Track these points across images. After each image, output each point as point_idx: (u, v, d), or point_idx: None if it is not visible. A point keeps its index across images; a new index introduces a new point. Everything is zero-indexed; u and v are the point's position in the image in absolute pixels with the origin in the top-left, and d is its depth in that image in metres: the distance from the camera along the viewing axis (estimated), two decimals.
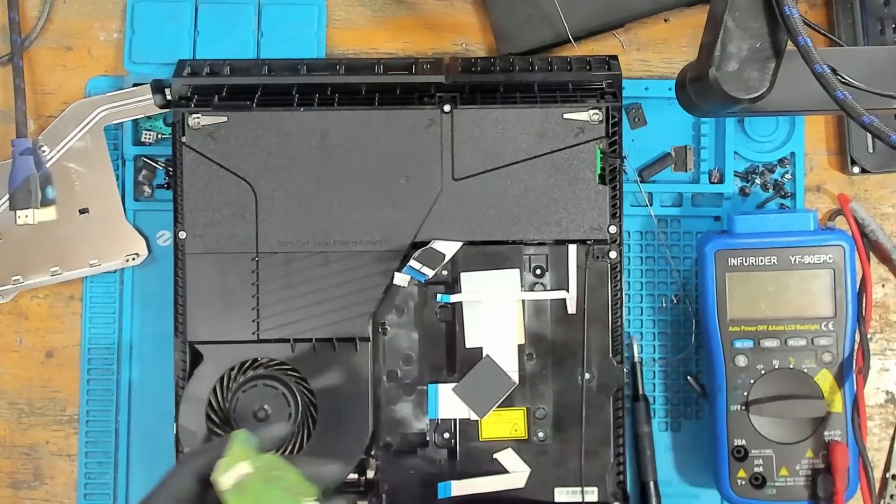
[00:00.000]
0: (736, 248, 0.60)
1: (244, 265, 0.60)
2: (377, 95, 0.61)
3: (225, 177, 0.60)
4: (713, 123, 0.66)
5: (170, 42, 0.66)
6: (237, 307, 0.60)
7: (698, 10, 0.66)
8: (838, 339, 0.60)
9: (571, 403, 0.60)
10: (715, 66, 0.47)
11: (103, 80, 0.67)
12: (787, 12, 0.45)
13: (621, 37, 0.67)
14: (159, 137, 0.66)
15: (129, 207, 0.66)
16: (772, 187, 0.66)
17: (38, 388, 0.67)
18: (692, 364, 0.65)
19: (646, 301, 0.66)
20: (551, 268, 0.61)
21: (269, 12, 0.66)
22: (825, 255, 0.60)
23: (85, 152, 0.65)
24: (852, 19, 0.65)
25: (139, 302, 0.66)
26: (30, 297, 0.67)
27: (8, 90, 0.66)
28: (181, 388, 0.60)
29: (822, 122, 0.67)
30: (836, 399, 0.60)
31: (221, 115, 0.60)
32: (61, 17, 0.68)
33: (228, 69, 0.63)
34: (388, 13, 0.68)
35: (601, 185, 0.60)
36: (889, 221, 0.67)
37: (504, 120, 0.60)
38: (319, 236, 0.60)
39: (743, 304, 0.60)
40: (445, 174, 0.60)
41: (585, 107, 0.60)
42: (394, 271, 0.60)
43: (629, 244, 0.66)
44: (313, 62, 0.63)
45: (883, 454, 0.65)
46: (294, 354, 0.60)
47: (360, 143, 0.60)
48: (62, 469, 0.66)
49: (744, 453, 0.60)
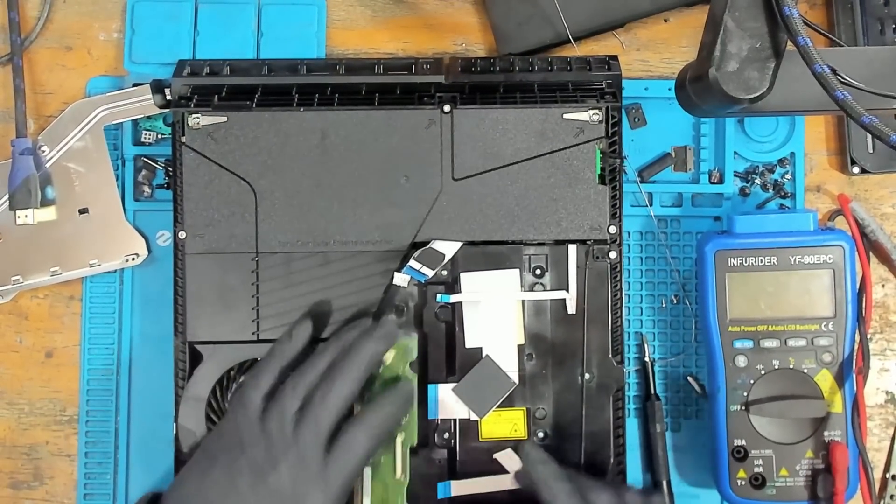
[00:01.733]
0: (736, 248, 0.60)
1: (244, 265, 0.60)
2: (377, 95, 0.61)
3: (225, 177, 0.60)
4: (713, 123, 0.66)
5: (170, 42, 0.66)
6: (237, 307, 0.60)
7: (698, 10, 0.66)
8: (838, 339, 0.60)
9: (571, 404, 0.60)
10: (715, 66, 0.47)
11: (103, 80, 0.67)
12: (787, 12, 0.45)
13: (621, 37, 0.67)
14: (159, 137, 0.66)
15: (129, 207, 0.66)
16: (772, 187, 0.66)
17: (38, 388, 0.67)
18: (692, 364, 0.65)
19: (646, 301, 0.66)
20: (551, 268, 0.61)
21: (269, 12, 0.66)
22: (825, 255, 0.60)
23: (85, 152, 0.65)
24: (852, 19, 0.65)
25: (139, 302, 0.66)
26: (30, 297, 0.67)
27: (8, 90, 0.66)
28: (181, 388, 0.60)
29: (822, 122, 0.67)
30: (836, 399, 0.60)
31: (221, 115, 0.60)
32: (61, 17, 0.68)
33: (228, 69, 0.63)
34: (388, 13, 0.68)
35: (601, 185, 0.60)
36: (889, 221, 0.66)
37: (504, 120, 0.60)
38: (319, 236, 0.60)
39: (743, 304, 0.60)
40: (445, 174, 0.60)
41: (585, 107, 0.60)
42: (394, 271, 0.60)
43: (629, 244, 0.66)
44: (313, 62, 0.63)
45: (883, 454, 0.65)
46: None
47: (360, 143, 0.60)
48: (62, 469, 0.66)
49: (744, 453, 0.60)
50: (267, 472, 0.52)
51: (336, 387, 0.54)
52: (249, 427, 0.54)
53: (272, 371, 0.55)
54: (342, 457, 0.53)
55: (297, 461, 0.52)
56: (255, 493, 0.52)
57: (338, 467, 0.53)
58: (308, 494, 0.52)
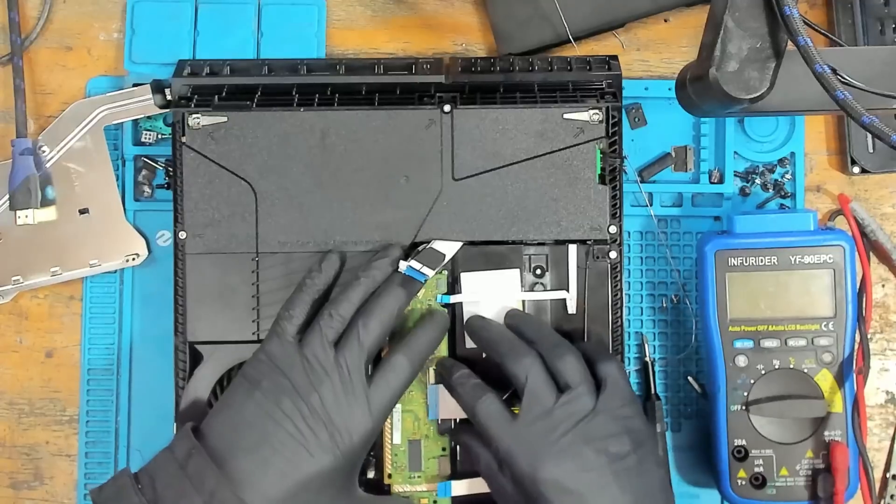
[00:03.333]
0: (736, 248, 0.60)
1: (244, 265, 0.60)
2: (377, 95, 0.61)
3: (225, 177, 0.60)
4: (713, 123, 0.66)
5: (170, 42, 0.66)
6: (237, 307, 0.60)
7: (698, 10, 0.66)
8: (838, 339, 0.60)
9: None
10: (715, 66, 0.47)
11: (103, 80, 0.67)
12: (787, 12, 0.45)
13: (621, 37, 0.67)
14: (159, 137, 0.66)
15: (129, 207, 0.66)
16: (772, 187, 0.66)
17: (38, 388, 0.67)
18: (692, 364, 0.65)
19: (646, 301, 0.66)
20: (551, 268, 0.61)
21: (269, 12, 0.66)
22: (825, 255, 0.60)
23: (85, 152, 0.65)
24: (852, 19, 0.65)
25: (139, 302, 0.66)
26: (30, 297, 0.67)
27: (8, 90, 0.66)
28: (181, 388, 0.60)
29: (822, 122, 0.67)
30: (836, 399, 0.60)
31: (221, 115, 0.60)
32: (61, 17, 0.68)
33: (228, 69, 0.63)
34: (388, 13, 0.68)
35: (601, 185, 0.60)
36: (889, 221, 0.67)
37: (504, 120, 0.60)
38: (319, 236, 0.60)
39: (743, 304, 0.60)
40: (445, 174, 0.60)
41: (585, 107, 0.60)
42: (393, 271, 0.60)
43: (629, 244, 0.66)
44: (313, 62, 0.63)
45: (883, 454, 0.65)
46: None
47: (360, 143, 0.60)
48: (62, 469, 0.66)
49: (744, 453, 0.60)
50: (309, 393, 0.53)
51: (376, 315, 0.55)
52: (288, 354, 0.54)
53: (304, 303, 0.56)
54: (385, 379, 0.54)
55: (340, 383, 0.53)
56: (298, 413, 0.53)
57: (380, 389, 0.54)
58: (352, 415, 0.53)
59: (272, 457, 0.52)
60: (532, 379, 0.54)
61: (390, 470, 0.60)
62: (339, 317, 0.55)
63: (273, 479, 0.52)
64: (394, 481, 0.60)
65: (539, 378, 0.54)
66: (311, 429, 0.52)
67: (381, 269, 0.57)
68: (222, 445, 0.53)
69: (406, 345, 0.56)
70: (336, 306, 0.55)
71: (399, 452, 0.60)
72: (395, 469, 0.60)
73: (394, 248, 0.59)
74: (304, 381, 0.53)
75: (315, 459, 0.52)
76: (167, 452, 0.53)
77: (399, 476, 0.60)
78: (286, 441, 0.52)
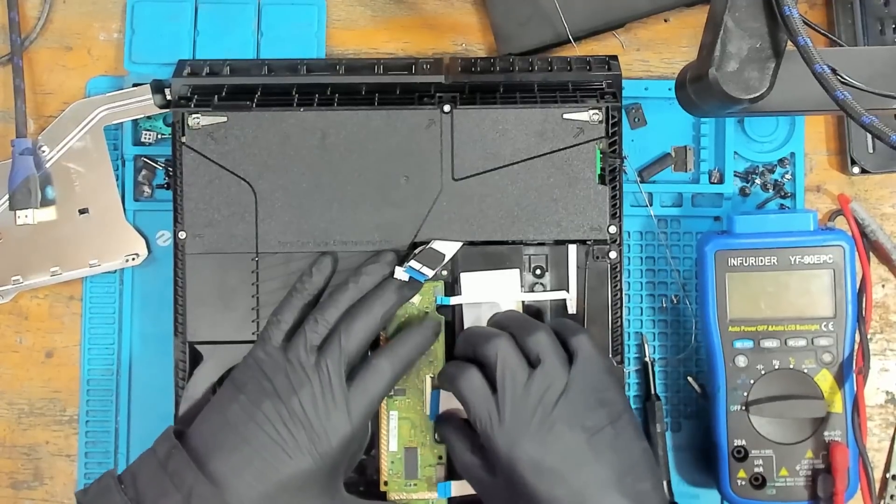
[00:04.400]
0: (736, 248, 0.60)
1: (244, 265, 0.60)
2: (377, 95, 0.61)
3: (225, 177, 0.60)
4: (713, 123, 0.66)
5: (170, 42, 0.66)
6: (237, 307, 0.60)
7: (698, 10, 0.66)
8: (838, 339, 0.60)
9: None
10: (715, 66, 0.47)
11: (103, 80, 0.67)
12: (787, 12, 0.45)
13: (621, 37, 0.67)
14: (159, 137, 0.66)
15: (129, 207, 0.66)
16: (772, 187, 0.66)
17: (38, 388, 0.67)
18: (692, 364, 0.65)
19: (646, 301, 0.66)
20: (551, 268, 0.61)
21: (269, 12, 0.66)
22: (825, 255, 0.60)
23: (85, 152, 0.65)
24: (852, 19, 0.65)
25: (139, 302, 0.66)
26: (30, 297, 0.67)
27: (8, 90, 0.66)
28: (181, 388, 0.60)
29: (822, 122, 0.67)
30: (836, 399, 0.60)
31: (221, 115, 0.60)
32: (61, 17, 0.68)
33: (228, 69, 0.63)
34: (388, 13, 0.68)
35: (601, 186, 0.60)
36: (889, 221, 0.67)
37: (504, 120, 0.60)
38: (319, 236, 0.60)
39: (743, 304, 0.60)
40: (445, 174, 0.60)
41: (585, 107, 0.60)
42: (393, 270, 0.60)
43: (629, 244, 0.66)
44: (313, 62, 0.63)
45: (883, 454, 0.65)
46: None
47: (360, 143, 0.60)
48: (62, 469, 0.66)
49: (744, 453, 0.60)
50: (290, 396, 0.53)
51: (360, 319, 0.55)
52: (272, 358, 0.55)
53: (294, 308, 0.57)
54: (365, 383, 0.55)
55: (320, 387, 0.54)
56: (277, 416, 0.53)
57: (360, 393, 0.54)
58: (330, 418, 0.53)
59: (251, 458, 0.53)
60: (502, 355, 0.54)
61: (386, 477, 0.59)
62: (325, 321, 0.55)
63: (251, 480, 0.52)
64: (390, 489, 0.59)
65: (509, 354, 0.54)
66: (290, 431, 0.53)
67: (371, 275, 0.57)
68: (203, 446, 0.54)
69: (389, 349, 0.56)
70: (322, 311, 0.56)
71: (395, 460, 0.59)
72: (391, 476, 0.59)
73: (386, 253, 0.59)
74: (285, 385, 0.54)
75: (294, 461, 0.53)
76: (149, 452, 0.55)
77: (395, 483, 0.59)
78: (266, 443, 0.53)
